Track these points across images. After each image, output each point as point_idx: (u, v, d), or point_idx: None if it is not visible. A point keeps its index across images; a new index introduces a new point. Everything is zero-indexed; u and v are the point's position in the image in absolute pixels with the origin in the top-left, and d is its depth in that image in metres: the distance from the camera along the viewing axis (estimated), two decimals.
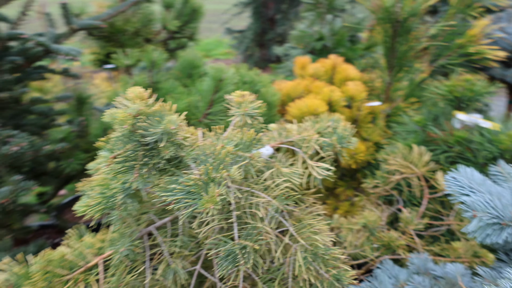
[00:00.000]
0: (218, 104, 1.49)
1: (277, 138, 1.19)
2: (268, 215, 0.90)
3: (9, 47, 1.66)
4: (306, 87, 1.96)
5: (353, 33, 2.77)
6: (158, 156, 0.77)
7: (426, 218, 1.47)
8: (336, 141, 1.15)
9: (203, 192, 0.69)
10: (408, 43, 1.70)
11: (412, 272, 1.22)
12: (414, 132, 1.70)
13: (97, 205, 0.84)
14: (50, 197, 1.91)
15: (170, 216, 1.00)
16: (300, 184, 1.09)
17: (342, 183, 1.93)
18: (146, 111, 0.75)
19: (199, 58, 1.76)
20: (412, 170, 1.52)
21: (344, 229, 1.49)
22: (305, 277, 0.93)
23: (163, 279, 0.92)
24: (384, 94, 1.99)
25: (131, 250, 0.89)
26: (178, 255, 0.95)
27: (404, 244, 1.37)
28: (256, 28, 6.33)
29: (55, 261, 0.88)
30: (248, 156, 0.82)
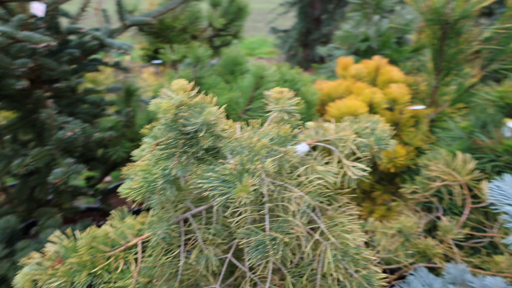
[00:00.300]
0: (257, 101, 1.52)
1: (313, 136, 1.20)
2: (300, 210, 0.91)
3: (68, 41, 1.79)
4: (347, 88, 1.94)
5: (400, 35, 2.69)
6: (197, 145, 0.81)
7: (467, 228, 1.41)
8: (374, 142, 1.13)
9: (237, 181, 0.72)
10: (458, 46, 1.63)
11: (447, 282, 1.18)
12: (459, 139, 1.63)
13: (139, 188, 0.89)
14: (97, 181, 2.04)
15: (206, 205, 1.04)
16: (334, 183, 1.09)
17: (380, 187, 1.89)
18: (188, 102, 0.79)
19: (242, 55, 1.80)
20: (455, 178, 1.46)
21: (379, 233, 1.47)
22: (333, 275, 0.94)
23: (196, 263, 0.97)
24: (429, 98, 1.93)
25: (167, 234, 0.94)
26: (211, 242, 0.99)
27: (441, 253, 1.33)
28: (301, 28, 6.31)
29: (99, 238, 0.95)
30: (282, 150, 0.84)
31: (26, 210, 1.72)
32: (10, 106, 1.61)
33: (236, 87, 1.68)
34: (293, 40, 6.42)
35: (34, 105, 1.66)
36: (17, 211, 1.66)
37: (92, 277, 0.89)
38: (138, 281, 0.87)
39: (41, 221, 1.57)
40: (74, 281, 0.87)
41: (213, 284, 1.00)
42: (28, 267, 0.90)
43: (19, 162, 1.40)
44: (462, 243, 1.40)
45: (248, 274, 0.97)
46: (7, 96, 1.62)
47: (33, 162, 1.43)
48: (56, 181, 1.36)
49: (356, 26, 2.72)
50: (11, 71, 1.50)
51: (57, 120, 1.53)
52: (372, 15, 2.76)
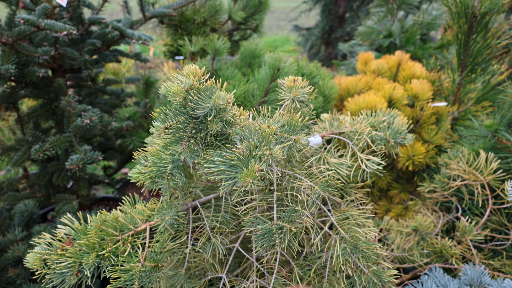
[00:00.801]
0: (273, 93, 1.50)
1: (328, 128, 1.17)
2: (309, 201, 0.89)
3: (90, 31, 1.83)
4: (367, 83, 1.90)
5: (424, 31, 2.61)
6: (206, 130, 0.80)
7: (487, 230, 1.35)
8: (390, 136, 1.10)
9: (244, 166, 0.70)
10: (484, 40, 1.56)
11: (463, 284, 1.13)
12: (483, 138, 1.57)
13: (149, 173, 0.89)
14: (114, 171, 2.07)
15: (214, 194, 1.04)
16: (347, 177, 1.06)
17: (397, 186, 1.84)
18: (198, 86, 0.78)
19: (260, 48, 1.79)
20: (476, 177, 1.40)
21: (393, 231, 1.42)
22: (342, 269, 0.91)
23: (203, 251, 0.96)
24: (452, 95, 1.86)
25: (175, 220, 0.94)
26: (219, 230, 0.98)
27: (459, 254, 1.27)
28: (324, 26, 6.23)
29: (109, 222, 0.96)
30: (293, 138, 0.82)
31: (45, 196, 1.76)
32: (33, 94, 1.65)
33: (252, 79, 1.67)
34: (315, 38, 6.36)
35: (55, 93, 1.70)
36: (36, 197, 1.71)
37: (100, 259, 0.89)
38: (144, 265, 0.87)
39: (58, 207, 1.60)
40: (82, 262, 0.88)
41: (220, 273, 1.00)
42: (39, 247, 0.91)
43: (38, 147, 1.44)
44: (482, 245, 1.34)
45: (255, 264, 0.96)
46: (30, 84, 1.66)
47: (52, 148, 1.46)
48: (73, 167, 1.39)
49: (379, 22, 2.66)
50: (34, 59, 1.54)
51: (76, 107, 1.56)
52: (397, 11, 2.69)
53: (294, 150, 0.83)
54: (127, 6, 1.95)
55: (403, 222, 1.43)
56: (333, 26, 6.23)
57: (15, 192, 1.66)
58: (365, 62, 2.02)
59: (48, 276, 0.87)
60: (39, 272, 0.88)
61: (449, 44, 2.42)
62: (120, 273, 0.86)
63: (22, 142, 1.60)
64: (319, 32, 6.31)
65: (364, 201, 1.09)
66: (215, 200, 1.03)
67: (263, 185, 0.93)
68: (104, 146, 1.88)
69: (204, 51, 2.02)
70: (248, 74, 1.77)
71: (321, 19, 6.31)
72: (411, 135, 1.12)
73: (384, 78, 1.87)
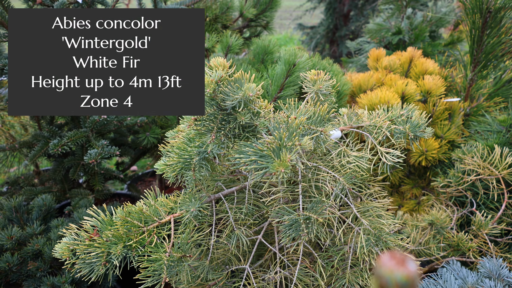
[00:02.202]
0: (288, 88, 1.52)
1: (347, 122, 1.19)
2: (334, 193, 0.90)
3: None
4: (379, 80, 1.91)
5: (433, 28, 2.62)
6: (234, 121, 0.81)
7: (503, 224, 1.36)
8: (409, 129, 1.11)
9: (275, 156, 0.71)
10: (498, 36, 1.57)
11: (482, 276, 1.14)
12: (497, 133, 1.58)
13: (174, 165, 0.91)
14: (127, 167, 2.09)
15: (238, 186, 1.05)
16: (367, 170, 1.07)
17: (409, 181, 1.85)
18: (227, 78, 0.79)
19: (273, 44, 1.80)
20: (491, 172, 1.41)
21: (409, 225, 1.43)
22: (366, 260, 0.92)
23: (227, 242, 0.97)
24: (464, 91, 1.87)
25: (200, 211, 0.95)
26: (242, 222, 1.00)
27: (475, 248, 1.28)
28: (328, 24, 6.24)
29: (134, 213, 0.97)
30: (320, 130, 0.83)
31: (61, 191, 1.78)
32: None
33: (266, 76, 1.68)
34: (320, 36, 6.36)
35: None
36: (53, 191, 1.72)
37: (127, 249, 0.91)
38: (171, 255, 0.88)
39: (74, 202, 1.62)
40: (110, 252, 0.89)
41: (243, 264, 1.01)
42: (67, 238, 0.93)
43: (57, 142, 1.45)
44: (498, 239, 1.35)
45: (278, 255, 0.97)
46: None
47: (69, 143, 1.47)
48: (91, 161, 1.40)
49: (387, 19, 2.67)
50: None
51: None
52: (405, 8, 2.70)
53: (321, 142, 0.84)
54: (140, 3, 1.96)
55: (418, 216, 1.44)
56: (337, 24, 6.23)
57: (32, 187, 1.68)
58: (376, 58, 2.03)
59: (77, 266, 0.88)
60: (68, 262, 0.89)
61: (459, 40, 2.43)
62: (149, 263, 0.87)
63: (38, 137, 1.61)
64: (323, 31, 6.32)
65: (384, 194, 1.10)
66: (237, 192, 1.04)
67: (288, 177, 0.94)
68: (118, 142, 1.89)
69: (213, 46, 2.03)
70: (261, 70, 1.78)
71: (326, 18, 6.32)
72: (430, 128, 1.13)
73: (396, 74, 1.88)
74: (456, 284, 1.13)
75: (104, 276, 0.92)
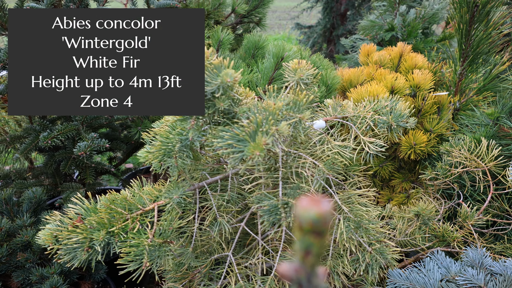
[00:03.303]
0: (277, 81, 1.53)
1: (331, 113, 1.20)
2: (314, 179, 0.91)
3: None
4: (369, 75, 1.92)
5: (426, 25, 2.63)
6: (214, 107, 0.82)
7: (489, 216, 1.37)
8: (392, 119, 1.12)
9: (251, 140, 0.73)
10: (486, 29, 1.58)
11: (465, 265, 1.15)
12: (485, 126, 1.59)
13: (157, 151, 0.92)
14: (120, 162, 2.10)
15: (221, 175, 1.06)
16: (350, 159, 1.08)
17: (399, 175, 1.86)
18: (206, 64, 0.80)
19: (264, 39, 1.81)
20: (478, 164, 1.42)
21: (396, 217, 1.44)
22: (346, 246, 0.93)
23: (210, 230, 0.98)
24: (454, 86, 1.88)
25: (183, 199, 0.96)
26: (225, 210, 1.01)
27: (460, 238, 1.29)
28: (325, 23, 6.26)
29: (118, 201, 0.98)
30: (298, 116, 0.84)
31: (52, 185, 1.79)
32: None
33: (256, 70, 1.69)
34: (317, 35, 6.38)
35: None
36: (44, 185, 1.73)
37: (110, 235, 0.92)
38: (153, 240, 0.90)
39: (65, 195, 1.63)
40: (92, 238, 0.90)
41: (226, 251, 1.02)
42: (50, 224, 0.94)
43: (46, 134, 1.46)
44: (484, 230, 1.36)
45: (261, 242, 0.98)
46: None
47: (59, 136, 1.48)
48: (80, 153, 1.41)
49: (380, 16, 2.68)
50: None
51: None
52: (398, 5, 2.71)
53: (300, 129, 0.85)
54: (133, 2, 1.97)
55: (406, 208, 1.45)
56: (334, 23, 6.25)
57: (23, 180, 1.69)
58: (367, 53, 2.04)
59: (60, 252, 0.89)
60: (51, 248, 0.90)
61: (451, 37, 2.44)
62: (130, 248, 0.88)
63: (29, 131, 1.62)
64: (320, 30, 6.34)
65: (367, 183, 1.11)
66: (221, 181, 1.05)
67: (269, 164, 0.95)
68: (110, 136, 1.90)
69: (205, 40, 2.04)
70: (252, 65, 1.79)
71: (323, 17, 6.34)
72: (413, 118, 1.14)
73: (386, 69, 1.89)
74: (439, 272, 1.14)
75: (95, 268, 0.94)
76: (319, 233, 0.22)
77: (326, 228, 0.22)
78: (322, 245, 0.22)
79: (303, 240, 0.22)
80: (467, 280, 1.09)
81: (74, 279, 1.45)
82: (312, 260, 0.23)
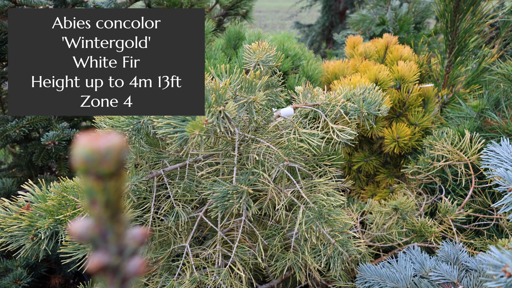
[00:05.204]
0: None
1: (301, 100, 1.15)
2: (274, 165, 0.86)
3: None
4: (354, 67, 1.86)
5: (418, 20, 2.57)
6: None
7: (470, 210, 1.31)
8: (363, 107, 1.07)
9: (192, 119, 0.68)
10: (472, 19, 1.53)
11: (440, 260, 1.10)
12: (470, 119, 1.53)
13: None
14: None
15: (181, 163, 1.01)
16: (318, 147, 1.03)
17: (384, 170, 1.80)
18: None
19: (244, 29, 1.76)
20: (460, 157, 1.36)
21: (374, 211, 1.39)
22: (306, 236, 0.88)
23: (165, 219, 0.94)
24: (442, 79, 1.82)
25: (138, 186, 0.92)
26: (182, 198, 0.96)
27: (439, 233, 1.24)
28: (324, 22, 6.21)
29: (70, 188, 0.94)
30: (251, 97, 0.79)
31: (27, 177, 1.75)
32: None
33: (235, 60, 1.65)
34: (316, 34, 6.33)
35: None
36: (17, 176, 1.70)
37: (57, 223, 0.87)
38: None
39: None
40: (37, 226, 0.86)
41: (184, 242, 0.97)
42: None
43: (14, 123, 1.42)
44: (465, 226, 1.30)
45: (220, 233, 0.94)
46: None
47: (28, 125, 1.44)
48: (48, 143, 1.37)
49: (372, 10, 2.62)
50: None
51: None
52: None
53: (253, 111, 0.81)
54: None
55: (384, 202, 1.40)
56: (333, 22, 6.19)
57: None
58: (353, 45, 1.99)
59: (2, 240, 0.85)
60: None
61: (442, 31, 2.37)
62: None
63: (1, 121, 1.58)
64: (319, 28, 6.28)
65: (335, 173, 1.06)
66: (181, 169, 1.01)
67: (225, 150, 0.90)
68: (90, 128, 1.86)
69: None
70: (231, 55, 1.74)
71: (322, 15, 6.29)
72: (386, 106, 1.09)
73: (371, 60, 1.84)
74: (413, 268, 1.08)
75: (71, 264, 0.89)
76: (100, 175, 0.18)
77: (109, 169, 0.17)
78: (109, 191, 0.18)
79: (87, 189, 0.18)
80: (440, 276, 1.03)
81: (41, 272, 1.41)
82: (102, 211, 0.18)
